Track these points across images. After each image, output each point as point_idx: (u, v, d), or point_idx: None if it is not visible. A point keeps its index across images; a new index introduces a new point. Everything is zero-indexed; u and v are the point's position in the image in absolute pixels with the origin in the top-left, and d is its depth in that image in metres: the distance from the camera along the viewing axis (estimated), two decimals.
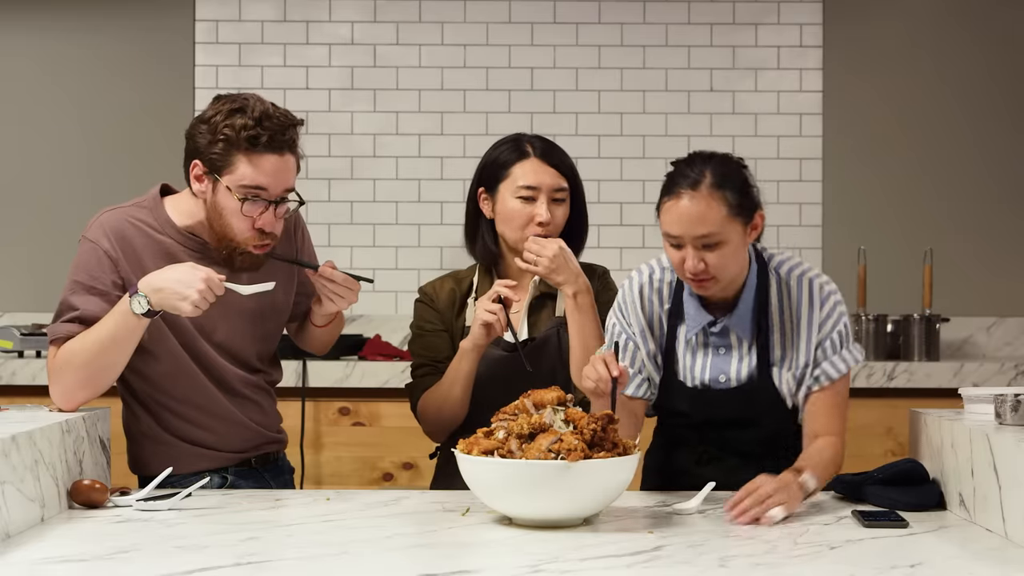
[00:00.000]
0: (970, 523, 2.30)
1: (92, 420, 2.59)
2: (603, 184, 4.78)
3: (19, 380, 4.14)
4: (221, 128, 2.57)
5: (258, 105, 2.60)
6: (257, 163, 2.58)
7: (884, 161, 4.84)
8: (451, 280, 2.96)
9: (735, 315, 2.53)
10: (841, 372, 2.53)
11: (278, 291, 2.75)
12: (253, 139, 2.56)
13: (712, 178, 2.41)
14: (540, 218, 2.80)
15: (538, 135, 2.92)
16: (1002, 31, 4.85)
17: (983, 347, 4.83)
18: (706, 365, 2.57)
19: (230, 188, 2.58)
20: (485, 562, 2.06)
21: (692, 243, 2.41)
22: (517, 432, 2.23)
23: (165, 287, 2.50)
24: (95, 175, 4.78)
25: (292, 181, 2.63)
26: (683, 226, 2.40)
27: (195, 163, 2.62)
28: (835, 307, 2.54)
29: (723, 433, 2.61)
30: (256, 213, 2.60)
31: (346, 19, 4.83)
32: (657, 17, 4.83)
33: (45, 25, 4.83)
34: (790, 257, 2.60)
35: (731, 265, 2.45)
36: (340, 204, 4.81)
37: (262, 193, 2.59)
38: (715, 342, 2.56)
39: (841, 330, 2.53)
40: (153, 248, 2.66)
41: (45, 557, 2.02)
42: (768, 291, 2.53)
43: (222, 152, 2.58)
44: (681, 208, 2.40)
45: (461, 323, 2.90)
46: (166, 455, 2.71)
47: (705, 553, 2.05)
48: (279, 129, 2.59)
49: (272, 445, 2.86)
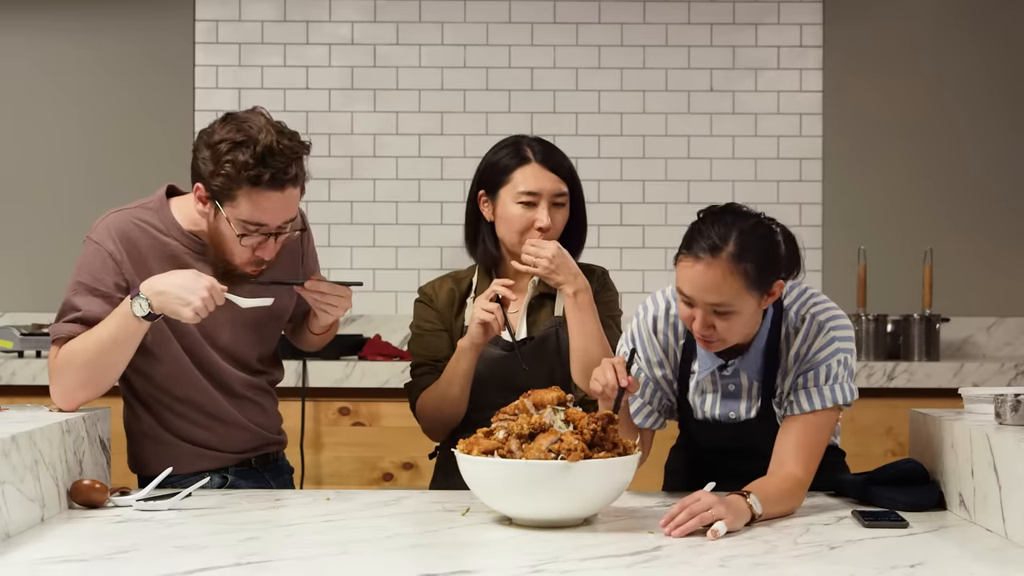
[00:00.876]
0: (970, 523, 2.30)
1: (92, 420, 2.59)
2: (603, 184, 4.78)
3: (19, 380, 4.14)
4: (224, 161, 2.52)
5: (264, 137, 2.52)
6: (258, 201, 2.54)
7: (884, 161, 4.84)
8: (450, 280, 2.96)
9: (746, 359, 2.48)
10: (813, 406, 2.42)
11: (281, 294, 2.75)
12: (255, 179, 2.51)
13: (734, 248, 2.30)
14: (541, 223, 2.80)
15: (538, 138, 2.92)
16: (1002, 31, 4.85)
17: (983, 347, 4.83)
18: (716, 402, 2.55)
19: (230, 220, 2.56)
20: (485, 562, 2.06)
21: (703, 307, 2.34)
22: (517, 432, 2.23)
23: (167, 291, 2.50)
24: (95, 175, 4.78)
25: (294, 212, 2.60)
26: (696, 290, 2.33)
27: (197, 186, 2.60)
28: (831, 341, 2.44)
29: (726, 460, 2.57)
30: (254, 243, 2.59)
31: (346, 19, 4.83)
32: (657, 17, 4.83)
33: (45, 25, 4.83)
34: (805, 291, 2.51)
35: (741, 330, 2.38)
36: (340, 204, 4.81)
37: (261, 228, 2.57)
38: (725, 382, 2.53)
39: (832, 364, 2.43)
40: (158, 250, 2.66)
41: (45, 557, 2.02)
42: (780, 332, 2.47)
43: (223, 186, 2.54)
44: (696, 272, 2.32)
45: (460, 323, 2.89)
46: (167, 455, 2.71)
47: (705, 553, 2.05)
48: (282, 168, 2.53)
49: (272, 446, 2.87)
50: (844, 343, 2.46)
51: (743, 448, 2.55)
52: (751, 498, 2.26)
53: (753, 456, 2.49)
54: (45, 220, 4.77)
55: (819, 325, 2.45)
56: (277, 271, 2.73)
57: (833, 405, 2.43)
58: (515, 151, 2.86)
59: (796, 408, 2.43)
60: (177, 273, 2.54)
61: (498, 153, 2.88)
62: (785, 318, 2.48)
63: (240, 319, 2.71)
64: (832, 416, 2.45)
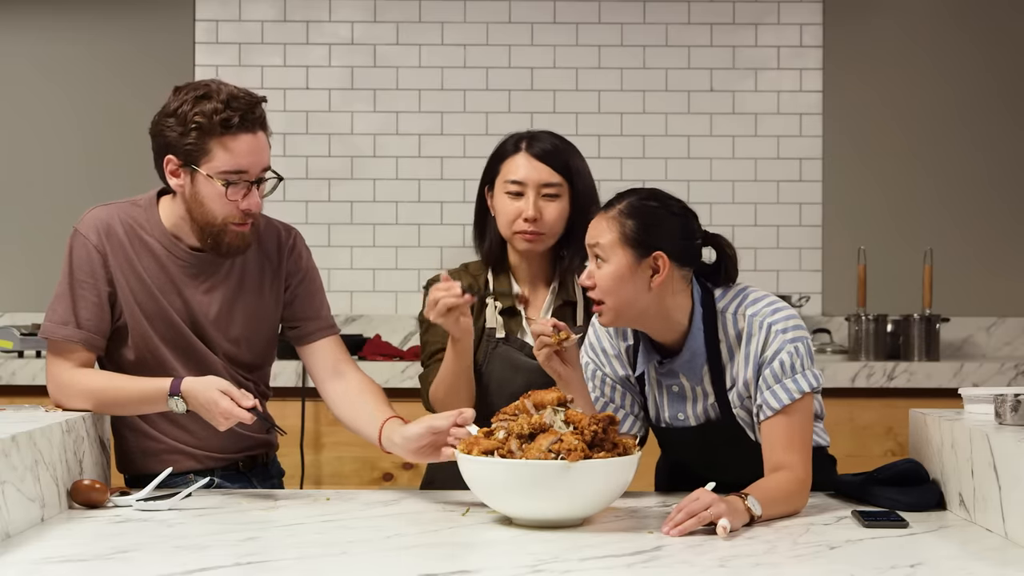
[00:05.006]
0: (970, 523, 2.30)
1: (92, 420, 2.59)
2: (603, 184, 4.72)
3: (19, 380, 4.14)
4: (191, 117, 2.54)
5: (222, 88, 2.57)
6: (233, 146, 2.55)
7: (884, 161, 4.84)
8: (467, 275, 2.87)
9: (680, 360, 2.48)
10: (782, 401, 2.41)
11: (264, 306, 2.74)
12: (226, 122, 2.54)
13: (624, 206, 2.45)
14: (526, 213, 2.76)
15: (547, 131, 2.87)
16: (1002, 31, 4.85)
17: (983, 347, 4.83)
18: (664, 404, 2.56)
19: (211, 176, 2.56)
20: (485, 562, 2.06)
21: (592, 256, 2.46)
22: (517, 432, 2.23)
23: (199, 404, 2.53)
24: (95, 175, 4.78)
25: (268, 159, 2.62)
26: (588, 239, 2.47)
27: (168, 159, 2.60)
28: (774, 337, 2.43)
29: (698, 469, 2.54)
30: (240, 196, 2.58)
31: (346, 19, 4.83)
32: (657, 17, 4.83)
33: (45, 25, 4.83)
34: (742, 291, 2.51)
35: (614, 287, 2.42)
36: (340, 204, 4.81)
37: (243, 176, 2.57)
38: (667, 382, 2.53)
39: (784, 359, 2.41)
40: (138, 246, 2.66)
41: (45, 557, 2.02)
42: (716, 334, 2.48)
43: (196, 141, 2.55)
44: (592, 224, 2.48)
45: (481, 324, 2.81)
46: (151, 452, 2.71)
47: (705, 553, 2.05)
48: (248, 107, 2.56)
49: (260, 448, 2.82)
50: (789, 333, 2.44)
51: (706, 458, 2.54)
52: (749, 500, 2.26)
53: (717, 467, 2.46)
54: (45, 220, 4.77)
55: (760, 324, 2.45)
56: (255, 300, 2.73)
57: (801, 395, 2.42)
58: (510, 142, 2.83)
59: (768, 409, 2.43)
60: (202, 390, 2.53)
61: (498, 146, 2.86)
62: (722, 320, 2.48)
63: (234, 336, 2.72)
64: (807, 404, 2.44)
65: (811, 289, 4.81)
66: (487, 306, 2.83)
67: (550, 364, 2.50)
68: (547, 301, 2.83)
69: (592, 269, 2.45)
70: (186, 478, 2.67)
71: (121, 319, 2.66)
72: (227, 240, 2.61)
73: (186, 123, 2.54)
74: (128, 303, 2.65)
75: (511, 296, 2.81)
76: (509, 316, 2.81)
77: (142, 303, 2.65)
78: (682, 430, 2.55)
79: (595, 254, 2.45)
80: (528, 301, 2.74)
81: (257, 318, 2.74)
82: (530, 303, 2.79)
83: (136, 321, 2.65)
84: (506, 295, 2.82)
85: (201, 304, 2.67)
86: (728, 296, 2.51)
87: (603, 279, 2.42)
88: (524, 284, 2.84)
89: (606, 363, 2.59)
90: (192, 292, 2.67)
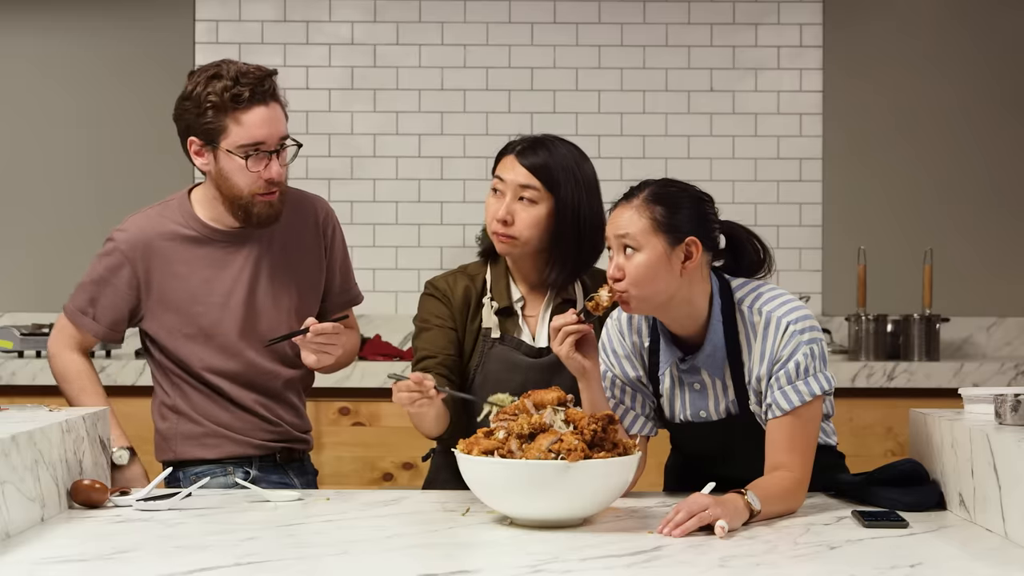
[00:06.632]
0: (970, 523, 2.30)
1: (92, 420, 2.59)
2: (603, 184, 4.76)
3: (19, 380, 4.14)
4: (205, 97, 2.67)
5: (231, 66, 2.69)
6: (246, 119, 2.67)
7: (884, 161, 4.84)
8: (464, 277, 2.83)
9: (702, 355, 2.48)
10: (792, 404, 2.40)
11: (308, 281, 2.85)
12: (236, 97, 2.66)
13: (648, 193, 2.43)
14: (498, 214, 2.72)
15: (558, 142, 2.81)
16: (1002, 31, 4.85)
17: (983, 347, 4.83)
18: (686, 402, 2.55)
19: (231, 151, 2.67)
20: (485, 562, 2.06)
21: (617, 248, 2.43)
22: (517, 432, 2.23)
23: None
24: (95, 175, 4.78)
25: (285, 128, 2.74)
26: (611, 229, 2.44)
27: (191, 140, 2.73)
28: (791, 337, 2.42)
29: (712, 465, 2.54)
30: (261, 167, 2.69)
31: (346, 19, 4.83)
32: (657, 17, 4.83)
33: (45, 25, 4.83)
34: (759, 286, 2.51)
35: (646, 277, 2.38)
36: (340, 204, 4.80)
37: (261, 147, 2.68)
38: (688, 380, 2.52)
39: (799, 360, 2.41)
40: (177, 244, 2.77)
41: (45, 557, 2.02)
42: (735, 327, 2.47)
43: (212, 119, 2.68)
44: (614, 215, 2.46)
45: (477, 325, 2.79)
46: (193, 435, 2.78)
47: (705, 553, 2.05)
48: (257, 81, 2.68)
49: (299, 443, 2.90)
50: (806, 334, 2.43)
51: (724, 453, 2.54)
52: (748, 495, 2.26)
53: (734, 461, 2.48)
54: (45, 220, 4.77)
55: (777, 322, 2.44)
56: (301, 269, 2.84)
57: (812, 398, 2.42)
58: (511, 142, 2.81)
59: (777, 409, 2.42)
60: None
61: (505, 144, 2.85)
62: (740, 314, 2.47)
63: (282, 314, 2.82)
64: (816, 407, 2.43)
65: (811, 289, 4.81)
66: (483, 306, 2.83)
67: (572, 358, 2.49)
68: (546, 300, 2.83)
69: (621, 261, 2.41)
70: (202, 476, 2.70)
71: (147, 319, 2.78)
72: (256, 211, 2.73)
73: (201, 104, 2.68)
74: (164, 301, 2.76)
75: (508, 296, 2.80)
76: (505, 316, 2.80)
77: (180, 300, 2.76)
78: (701, 425, 2.54)
79: (624, 244, 2.40)
80: None
81: (307, 286, 2.86)
82: (528, 303, 2.78)
83: (171, 315, 2.75)
84: (503, 295, 2.81)
85: (251, 278, 2.78)
86: (745, 289, 2.50)
87: (635, 269, 2.38)
88: (522, 284, 2.83)
89: (616, 364, 2.58)
90: (237, 270, 2.78)
